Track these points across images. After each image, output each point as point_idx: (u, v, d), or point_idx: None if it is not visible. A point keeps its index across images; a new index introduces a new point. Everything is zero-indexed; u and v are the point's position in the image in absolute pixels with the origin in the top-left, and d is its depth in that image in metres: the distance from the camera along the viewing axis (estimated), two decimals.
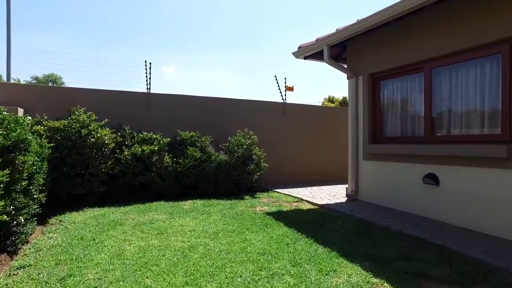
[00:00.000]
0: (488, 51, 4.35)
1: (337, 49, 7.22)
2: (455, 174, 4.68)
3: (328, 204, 6.21)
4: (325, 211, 5.68)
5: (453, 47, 4.69)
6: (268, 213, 5.41)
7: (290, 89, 9.07)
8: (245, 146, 7.45)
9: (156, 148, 6.40)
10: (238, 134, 7.71)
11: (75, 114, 5.97)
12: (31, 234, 4.08)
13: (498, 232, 4.10)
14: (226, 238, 4.05)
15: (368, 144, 6.31)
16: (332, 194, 7.24)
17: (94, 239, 3.92)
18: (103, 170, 5.90)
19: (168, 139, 6.73)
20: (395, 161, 5.74)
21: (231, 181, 7.17)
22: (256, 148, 7.61)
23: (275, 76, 9.12)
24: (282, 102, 9.07)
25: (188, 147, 6.91)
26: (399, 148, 5.58)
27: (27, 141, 3.70)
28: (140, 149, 6.26)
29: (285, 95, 9.07)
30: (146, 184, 6.42)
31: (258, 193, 7.45)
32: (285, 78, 9.07)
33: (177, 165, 6.68)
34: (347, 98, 6.88)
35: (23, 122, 3.77)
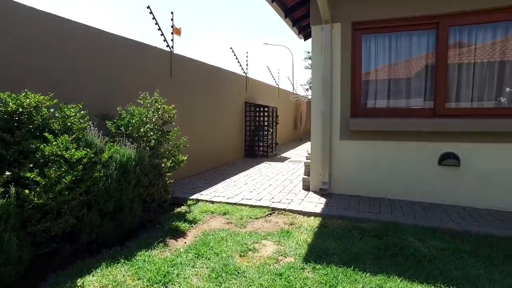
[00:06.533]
0: None
1: None
2: (480, 153, 4.13)
3: (323, 211, 3.99)
4: (353, 224, 3.63)
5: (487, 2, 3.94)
6: (314, 263, 2.80)
7: (178, 31, 5.69)
8: (149, 125, 3.81)
9: None
10: (141, 100, 3.87)
11: None
12: None
13: None
14: None
15: (350, 119, 4.67)
16: (286, 190, 5.09)
17: None
18: None
19: None
20: (392, 139, 4.54)
21: (139, 199, 3.46)
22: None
23: (149, 7, 5.40)
24: (168, 51, 5.54)
25: (45, 134, 2.54)
26: (401, 123, 4.40)
27: None
28: None
29: (171, 40, 5.58)
30: None
31: (178, 209, 4.12)
32: (172, 13, 5.54)
33: (23, 188, 2.28)
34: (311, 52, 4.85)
35: None
